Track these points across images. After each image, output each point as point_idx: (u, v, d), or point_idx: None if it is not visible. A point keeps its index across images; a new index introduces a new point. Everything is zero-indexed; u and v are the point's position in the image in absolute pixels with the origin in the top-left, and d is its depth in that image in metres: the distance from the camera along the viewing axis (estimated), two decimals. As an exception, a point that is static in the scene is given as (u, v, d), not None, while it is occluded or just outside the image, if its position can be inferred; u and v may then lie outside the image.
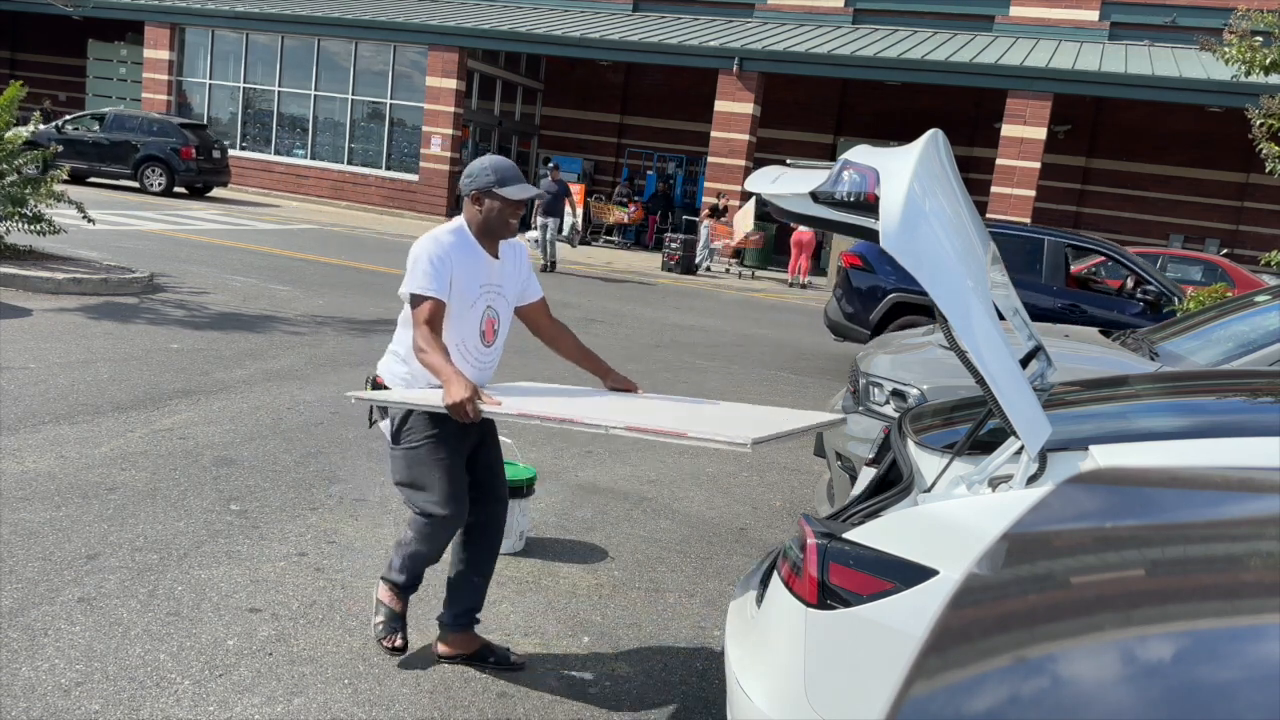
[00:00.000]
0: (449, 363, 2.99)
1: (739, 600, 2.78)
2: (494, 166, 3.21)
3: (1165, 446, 2.27)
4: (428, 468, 3.15)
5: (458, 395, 2.85)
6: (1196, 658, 1.16)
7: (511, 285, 3.40)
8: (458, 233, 3.24)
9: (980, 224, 2.65)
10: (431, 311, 3.07)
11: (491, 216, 3.22)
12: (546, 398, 3.21)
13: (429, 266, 3.10)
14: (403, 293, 3.15)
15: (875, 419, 4.99)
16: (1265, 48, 8.95)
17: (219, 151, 21.62)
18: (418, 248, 3.16)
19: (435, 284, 3.09)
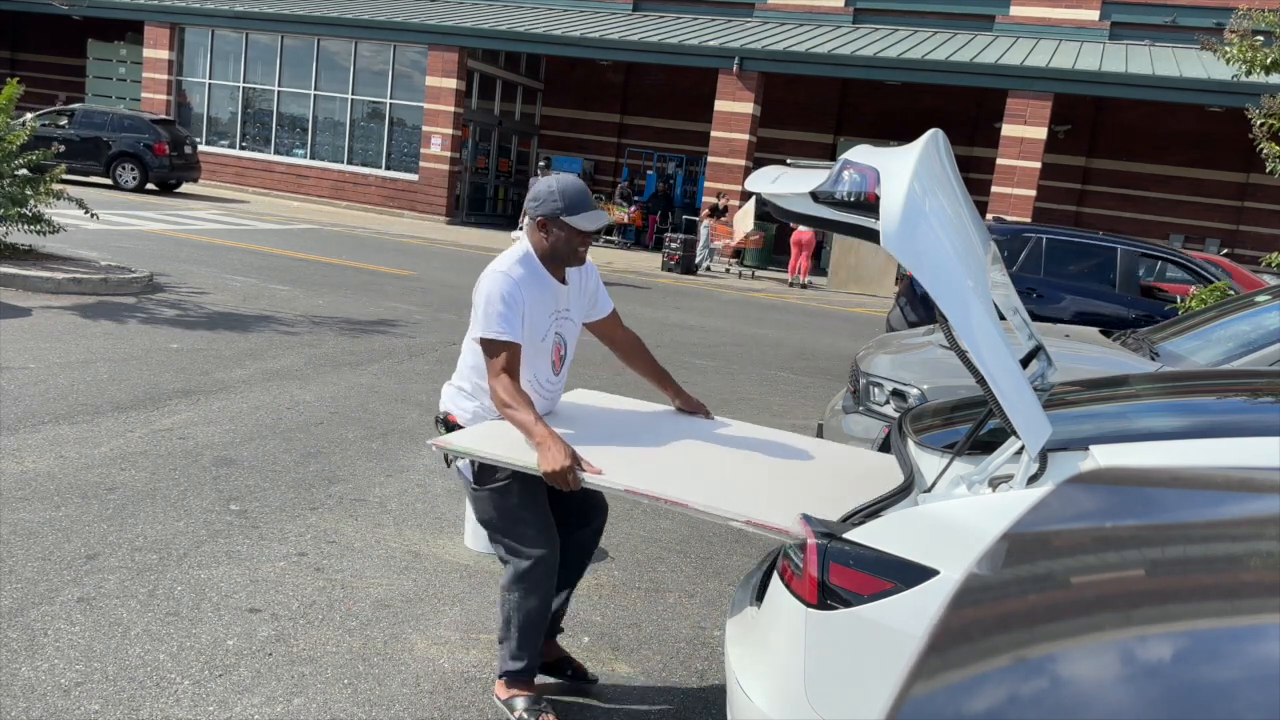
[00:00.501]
0: (541, 422, 2.75)
1: (739, 600, 2.78)
2: (562, 191, 2.95)
3: (1166, 446, 2.27)
4: (519, 505, 2.93)
5: (557, 464, 2.62)
6: (1197, 658, 1.16)
7: (578, 306, 3.20)
8: (525, 262, 2.99)
9: (980, 224, 2.65)
10: (509, 359, 2.86)
11: (559, 245, 2.99)
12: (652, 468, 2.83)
13: (502, 307, 2.87)
14: (474, 337, 2.94)
15: (875, 419, 4.99)
16: (1266, 47, 8.95)
17: (189, 147, 21.81)
18: (487, 285, 2.92)
19: (510, 326, 2.87)
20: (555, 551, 2.97)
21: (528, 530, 2.94)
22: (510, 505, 2.93)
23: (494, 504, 2.96)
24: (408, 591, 3.87)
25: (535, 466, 2.66)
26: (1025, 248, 9.49)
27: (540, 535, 2.94)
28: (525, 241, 3.06)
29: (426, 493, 4.98)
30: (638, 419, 3.28)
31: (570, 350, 3.18)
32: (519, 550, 2.94)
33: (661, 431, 3.11)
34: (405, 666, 3.31)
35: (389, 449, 5.60)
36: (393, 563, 4.11)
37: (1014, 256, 9.46)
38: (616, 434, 3.03)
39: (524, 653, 3.01)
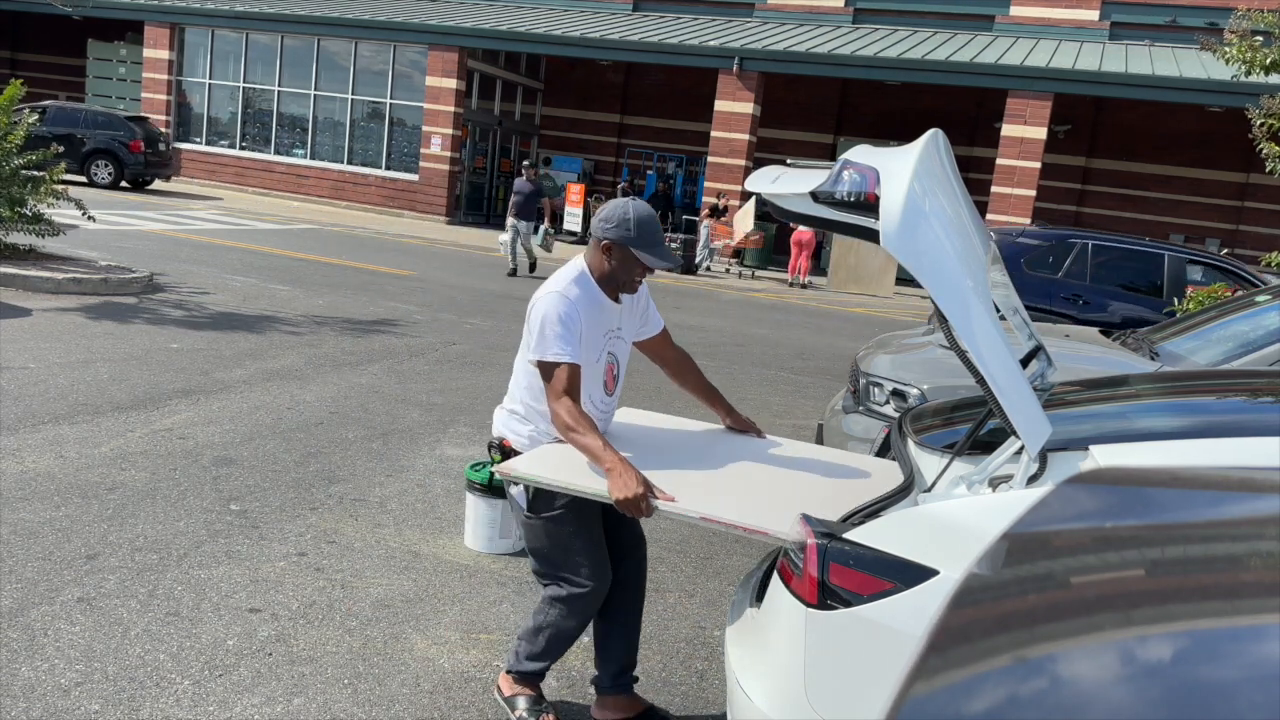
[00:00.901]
0: (610, 448, 2.66)
1: (739, 600, 2.78)
2: (637, 222, 2.87)
3: (1165, 446, 2.27)
4: (572, 535, 2.85)
5: (630, 491, 2.53)
6: (1197, 658, 1.16)
7: (629, 325, 3.13)
8: (581, 282, 2.93)
9: (981, 224, 2.65)
10: (570, 379, 2.78)
11: (618, 272, 2.93)
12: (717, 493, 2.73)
13: (560, 329, 2.80)
14: (532, 359, 2.87)
15: (875, 419, 4.99)
16: (1265, 47, 8.95)
17: (164, 144, 21.94)
18: (544, 306, 2.86)
19: (571, 347, 2.80)
20: (607, 583, 2.91)
21: (582, 561, 2.86)
22: (564, 534, 2.85)
23: (547, 532, 2.87)
24: (407, 591, 3.87)
25: (605, 493, 2.58)
26: (1070, 253, 9.45)
27: (595, 568, 2.87)
28: (581, 260, 2.98)
29: (426, 493, 4.98)
30: (691, 439, 3.19)
31: (623, 370, 3.11)
32: (571, 580, 2.88)
33: (718, 452, 3.03)
34: (405, 666, 3.31)
35: (389, 449, 5.60)
36: (392, 563, 4.11)
37: (1059, 262, 9.42)
38: (673, 456, 2.95)
39: (543, 659, 2.97)
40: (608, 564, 2.92)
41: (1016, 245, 9.74)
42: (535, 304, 2.90)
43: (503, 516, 4.30)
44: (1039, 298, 9.18)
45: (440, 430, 6.09)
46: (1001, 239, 9.97)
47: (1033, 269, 9.56)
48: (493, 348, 8.83)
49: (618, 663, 3.06)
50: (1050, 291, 9.34)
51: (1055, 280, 9.42)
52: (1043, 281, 9.41)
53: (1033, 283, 9.41)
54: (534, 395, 2.94)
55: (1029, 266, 9.57)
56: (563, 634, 2.93)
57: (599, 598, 2.91)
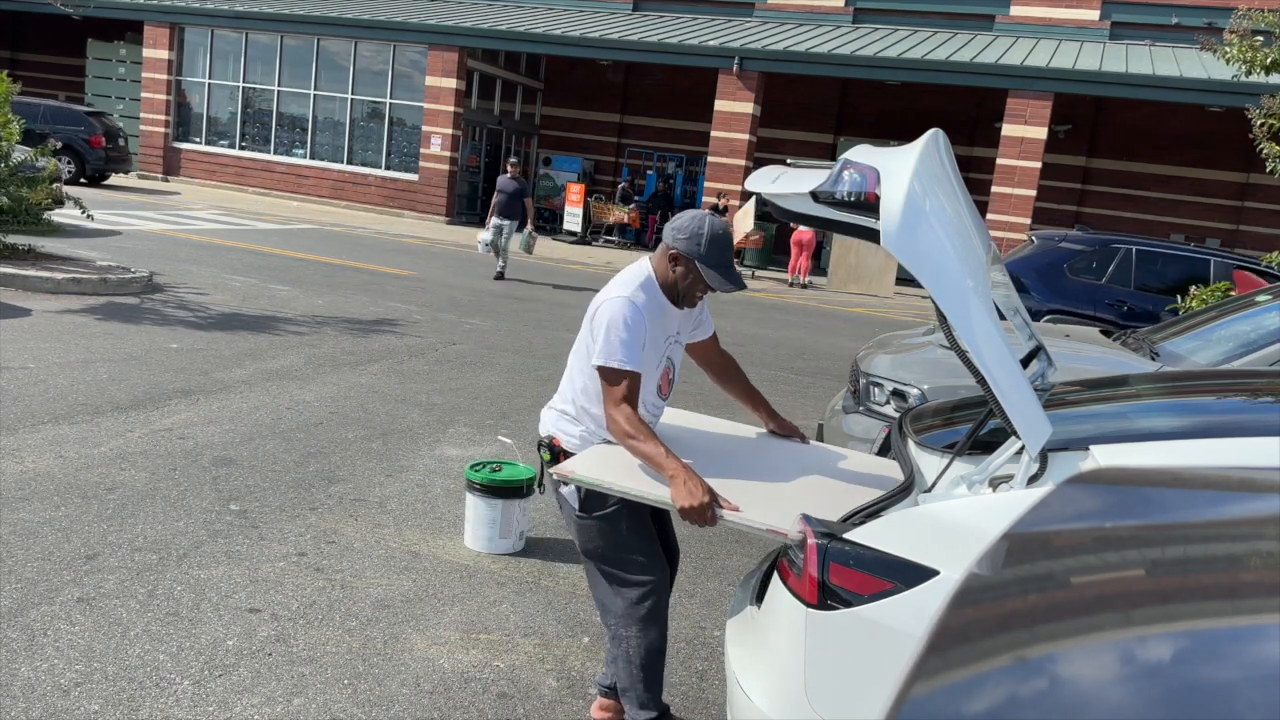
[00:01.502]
0: (673, 456, 2.61)
1: (739, 600, 2.78)
2: (710, 239, 2.81)
3: (1166, 446, 2.27)
4: (628, 532, 2.82)
5: (696, 499, 2.48)
6: (1197, 658, 1.16)
7: (685, 329, 3.07)
8: (647, 288, 2.87)
9: (981, 224, 2.65)
10: (631, 388, 2.75)
11: (680, 284, 2.88)
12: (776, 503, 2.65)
13: (626, 335, 2.76)
14: (594, 363, 2.80)
15: (875, 419, 4.99)
16: (1266, 47, 8.94)
17: (123, 139, 22.04)
18: (611, 311, 2.80)
19: (634, 355, 2.76)
20: (665, 578, 2.87)
21: (636, 558, 2.83)
22: (619, 533, 2.82)
23: (601, 532, 2.83)
24: (407, 591, 3.87)
25: (668, 500, 2.54)
26: (1114, 259, 9.39)
27: (650, 562, 2.84)
28: (647, 264, 2.93)
29: (426, 493, 4.98)
30: (739, 445, 3.15)
31: (677, 373, 3.07)
32: (626, 579, 2.83)
33: (768, 459, 3.00)
34: (405, 666, 3.31)
35: (389, 449, 5.60)
36: (392, 563, 4.11)
37: (1102, 268, 9.36)
38: (725, 462, 2.88)
39: (653, 697, 2.86)
40: (663, 558, 2.89)
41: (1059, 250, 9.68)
42: (600, 307, 2.85)
43: (502, 517, 4.30)
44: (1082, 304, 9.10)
45: (440, 430, 6.09)
46: (1044, 244, 9.92)
47: (1076, 275, 9.49)
48: (493, 348, 8.83)
49: None
50: (1094, 297, 9.27)
51: (1099, 286, 9.36)
52: (1086, 287, 9.33)
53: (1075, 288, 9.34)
54: (589, 398, 2.89)
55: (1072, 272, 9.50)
56: (653, 652, 2.85)
57: (664, 593, 2.85)
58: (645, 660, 2.83)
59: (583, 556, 2.94)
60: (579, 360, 2.94)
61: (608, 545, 2.84)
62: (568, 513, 2.91)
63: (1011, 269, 9.51)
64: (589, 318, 2.91)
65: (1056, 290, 9.32)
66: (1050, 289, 9.22)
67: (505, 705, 3.16)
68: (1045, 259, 9.62)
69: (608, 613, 2.89)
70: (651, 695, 2.84)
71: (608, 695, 3.08)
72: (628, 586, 2.83)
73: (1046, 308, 8.97)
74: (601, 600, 2.90)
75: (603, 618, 2.93)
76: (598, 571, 2.88)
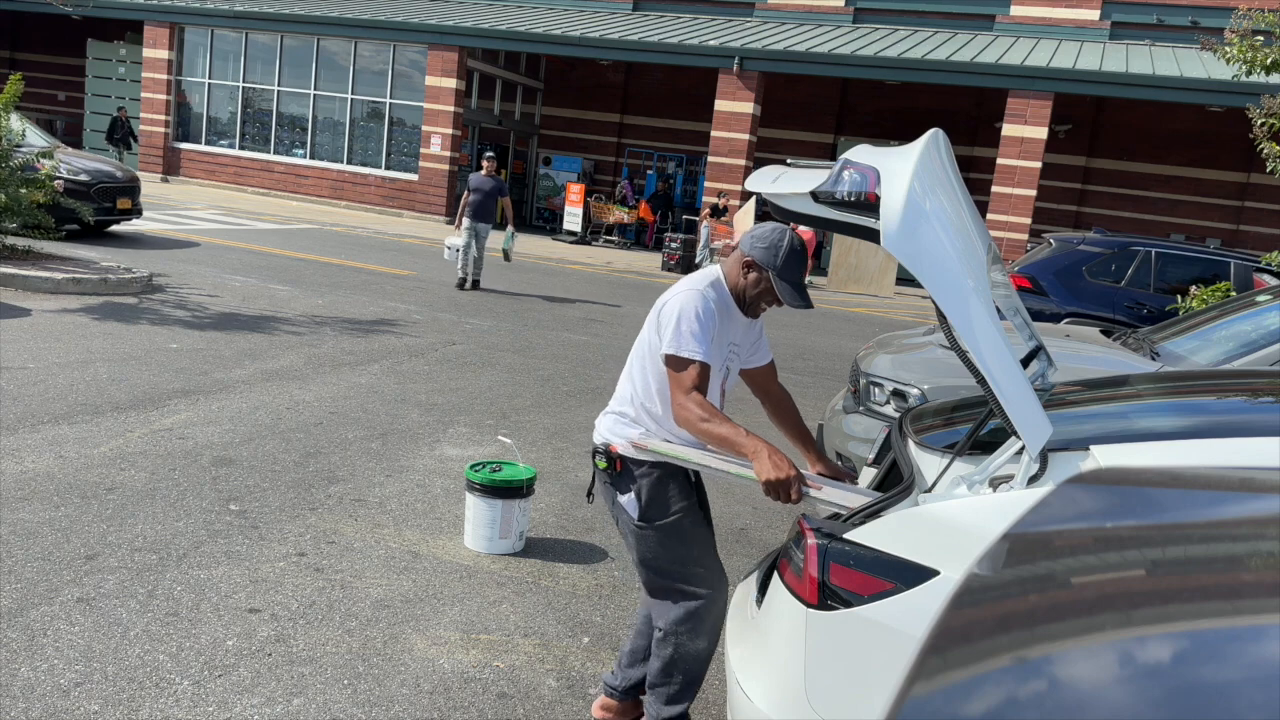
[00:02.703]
0: (751, 434, 2.60)
1: (739, 600, 2.78)
2: (788, 252, 2.77)
3: (1166, 446, 2.26)
4: (688, 543, 2.79)
5: (781, 472, 2.47)
6: (1197, 658, 1.16)
7: (745, 346, 3.02)
8: (717, 287, 2.84)
9: (981, 224, 2.65)
10: (700, 377, 2.70)
11: (749, 291, 2.85)
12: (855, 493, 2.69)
13: (697, 326, 2.72)
14: (665, 353, 2.75)
15: (876, 419, 4.99)
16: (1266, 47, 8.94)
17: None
18: (683, 302, 2.76)
19: (704, 346, 2.72)
20: (725, 589, 2.83)
21: (697, 569, 2.80)
22: (679, 542, 2.79)
23: (660, 542, 2.80)
24: (407, 591, 3.86)
25: (751, 475, 2.53)
26: (1133, 261, 9.36)
27: (711, 574, 2.81)
28: (718, 269, 2.91)
29: (426, 493, 4.98)
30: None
31: (730, 386, 3.02)
32: (685, 590, 2.80)
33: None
34: (405, 666, 3.31)
35: (389, 449, 5.60)
36: (392, 563, 4.11)
37: (1121, 271, 9.33)
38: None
39: (683, 701, 2.85)
40: (724, 571, 2.86)
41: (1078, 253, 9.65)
42: (670, 299, 2.81)
43: (502, 517, 4.30)
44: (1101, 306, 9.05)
45: (440, 430, 6.09)
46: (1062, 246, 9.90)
47: (1094, 277, 9.46)
48: (493, 348, 8.83)
49: (641, 674, 3.02)
50: (1113, 300, 9.23)
51: (1118, 289, 9.32)
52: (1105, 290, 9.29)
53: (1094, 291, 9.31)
54: (652, 396, 2.83)
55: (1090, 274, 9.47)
56: (695, 660, 2.83)
57: (719, 607, 2.82)
58: (688, 665, 2.83)
59: (639, 566, 2.90)
60: (642, 360, 2.88)
61: (667, 555, 2.81)
62: (624, 522, 2.87)
63: (1030, 271, 9.52)
64: (655, 314, 2.86)
65: (1075, 293, 9.31)
66: (1069, 291, 9.20)
67: (505, 705, 3.16)
68: (1064, 261, 9.60)
69: (662, 616, 2.87)
70: (684, 698, 2.86)
71: (611, 695, 3.08)
72: (688, 597, 2.81)
73: (1066, 310, 8.92)
74: (658, 605, 2.88)
75: (655, 618, 2.91)
76: (658, 578, 2.85)
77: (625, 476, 2.84)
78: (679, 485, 2.83)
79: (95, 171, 12.66)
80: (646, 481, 2.81)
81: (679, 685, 2.84)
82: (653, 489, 2.81)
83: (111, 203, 12.75)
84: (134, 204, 13.18)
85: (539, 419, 6.64)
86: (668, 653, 2.84)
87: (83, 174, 12.38)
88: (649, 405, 2.85)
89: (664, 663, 2.84)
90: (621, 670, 3.08)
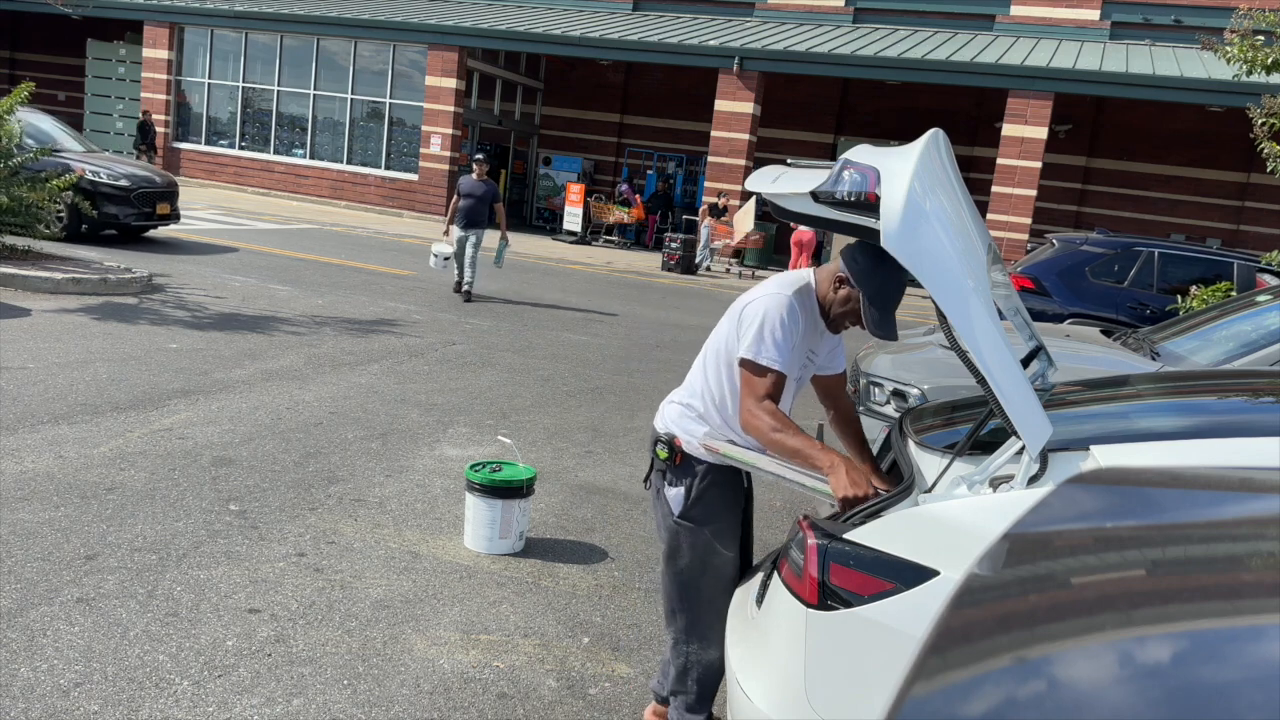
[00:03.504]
0: (827, 448, 2.55)
1: (739, 600, 2.78)
2: (884, 280, 2.63)
3: (1166, 446, 2.26)
4: (714, 552, 2.80)
5: (860, 489, 2.42)
6: (1197, 658, 1.16)
7: (822, 355, 2.94)
8: (805, 294, 2.76)
9: (981, 223, 2.65)
10: (776, 385, 2.65)
11: (835, 308, 2.76)
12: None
13: (781, 334, 2.65)
14: (743, 356, 2.68)
15: (876, 419, 4.99)
16: (1267, 47, 8.94)
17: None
18: (768, 305, 2.69)
19: (784, 356, 2.66)
20: (724, 612, 2.81)
21: (711, 580, 2.82)
22: (707, 549, 2.80)
23: (692, 543, 2.81)
24: (407, 592, 3.86)
25: (827, 490, 2.49)
26: (1136, 262, 9.35)
27: (719, 589, 2.83)
28: (811, 274, 2.83)
29: (426, 493, 4.98)
30: None
31: (799, 394, 2.97)
32: (700, 598, 2.83)
33: None
34: (405, 667, 3.31)
35: (389, 449, 5.60)
36: (392, 563, 4.11)
37: (1124, 271, 9.31)
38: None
39: (701, 707, 2.88)
40: (731, 594, 2.85)
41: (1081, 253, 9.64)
42: (753, 301, 2.74)
43: (502, 517, 4.30)
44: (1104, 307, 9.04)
45: (440, 430, 6.09)
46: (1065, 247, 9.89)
47: (1097, 277, 9.45)
48: (492, 348, 8.83)
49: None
50: (1116, 301, 9.22)
51: (1121, 289, 9.31)
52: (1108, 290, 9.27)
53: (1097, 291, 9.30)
54: (723, 395, 2.79)
55: (1093, 275, 9.46)
56: (707, 669, 2.85)
57: (720, 619, 2.80)
58: (702, 675, 2.86)
59: (663, 561, 2.91)
60: (717, 355, 2.82)
61: (695, 556, 2.82)
62: (664, 514, 2.87)
63: (1032, 272, 9.50)
64: (737, 311, 2.79)
65: (1078, 293, 9.31)
66: (1072, 292, 9.19)
67: (505, 705, 3.16)
68: (1067, 262, 9.60)
69: (673, 621, 2.89)
70: (702, 705, 2.88)
71: (661, 701, 3.06)
72: (700, 604, 2.83)
73: (1069, 311, 8.90)
74: (671, 607, 2.90)
75: (666, 623, 2.93)
76: (675, 578, 2.87)
77: (682, 471, 2.81)
78: (728, 497, 2.82)
79: (135, 176, 12.55)
80: (700, 483, 2.79)
81: (695, 694, 2.88)
82: (703, 491, 2.79)
83: (151, 208, 12.64)
84: (172, 209, 13.06)
85: (539, 419, 6.64)
86: (681, 661, 2.88)
87: (123, 179, 12.28)
88: (719, 403, 2.80)
89: (679, 670, 2.89)
90: (664, 677, 3.07)
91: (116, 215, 12.03)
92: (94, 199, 11.51)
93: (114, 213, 11.98)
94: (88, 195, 11.43)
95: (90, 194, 11.57)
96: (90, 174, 11.92)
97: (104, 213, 11.84)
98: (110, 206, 11.94)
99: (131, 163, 13.72)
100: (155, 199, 12.70)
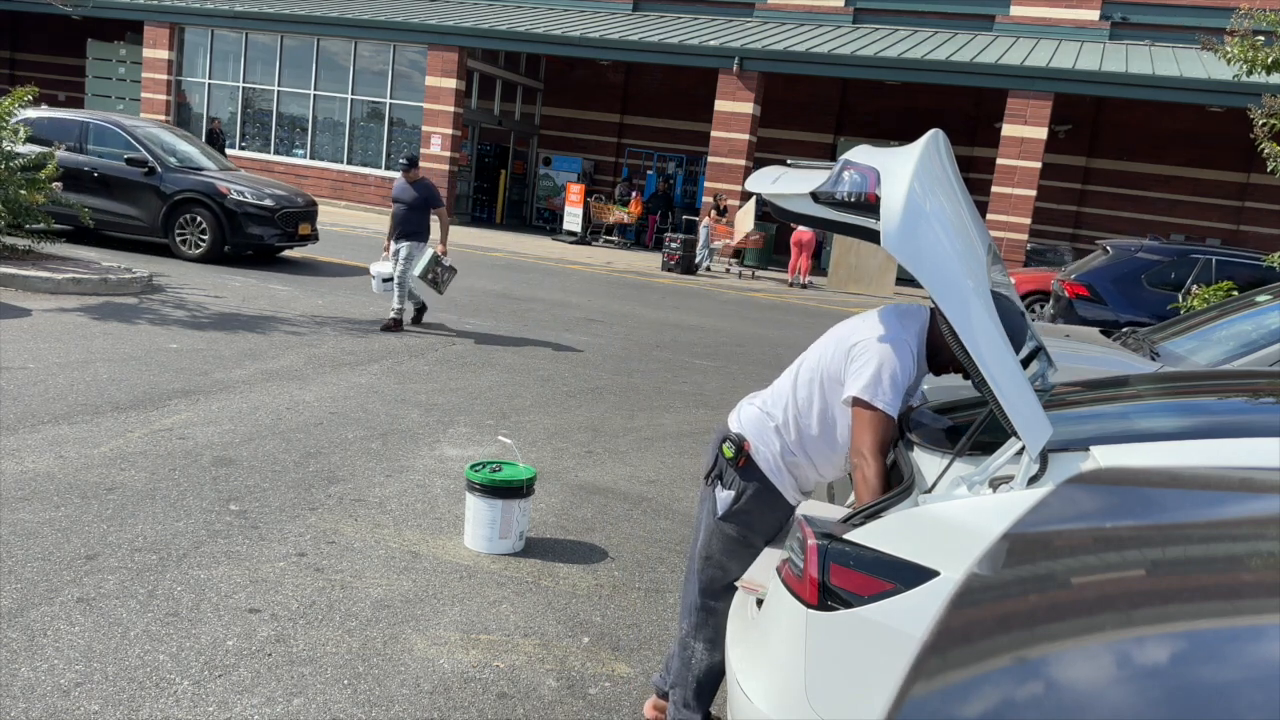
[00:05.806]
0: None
1: (739, 600, 2.78)
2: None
3: (1166, 447, 2.26)
4: (745, 557, 2.83)
5: None
6: (1197, 658, 1.16)
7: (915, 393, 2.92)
8: (920, 339, 2.71)
9: (981, 224, 2.65)
10: (889, 433, 2.61)
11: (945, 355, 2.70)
12: None
13: (901, 379, 2.61)
14: (859, 395, 2.61)
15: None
16: (1266, 47, 8.94)
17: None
18: (890, 351, 2.62)
19: (899, 402, 2.62)
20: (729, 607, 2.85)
21: (731, 588, 2.84)
22: (738, 553, 2.84)
23: (726, 545, 2.85)
24: (407, 591, 3.86)
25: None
26: (1193, 270, 9.33)
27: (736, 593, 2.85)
28: (928, 313, 2.74)
29: (426, 493, 4.98)
30: None
31: None
32: (715, 601, 2.87)
33: None
34: (405, 667, 3.31)
35: (389, 449, 5.60)
36: (392, 563, 4.11)
37: (1181, 279, 9.31)
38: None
39: (699, 704, 2.93)
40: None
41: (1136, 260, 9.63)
42: (870, 339, 2.67)
43: (502, 517, 4.30)
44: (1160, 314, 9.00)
45: (440, 430, 6.09)
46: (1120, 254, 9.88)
47: (1153, 285, 9.44)
48: (493, 348, 8.83)
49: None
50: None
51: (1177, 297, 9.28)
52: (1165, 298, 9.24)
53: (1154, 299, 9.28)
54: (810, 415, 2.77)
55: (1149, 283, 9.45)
56: (709, 670, 2.91)
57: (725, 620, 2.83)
58: (704, 675, 2.92)
59: (697, 558, 2.94)
60: (811, 373, 2.80)
61: (724, 556, 2.86)
62: (708, 510, 2.89)
63: (1087, 279, 9.48)
64: (846, 341, 2.75)
65: (1133, 301, 9.30)
66: (1127, 300, 9.18)
67: (505, 705, 3.16)
68: (1122, 269, 9.60)
69: (686, 617, 2.95)
70: (699, 701, 2.93)
71: (662, 695, 3.12)
72: (714, 606, 2.88)
73: (1124, 319, 8.80)
74: (688, 604, 2.96)
75: (680, 619, 3.00)
76: (698, 576, 2.92)
77: (742, 475, 2.82)
78: (769, 521, 2.83)
79: (278, 196, 12.28)
80: (751, 495, 2.81)
81: (694, 692, 2.93)
82: (752, 501, 2.81)
83: (294, 228, 12.39)
84: (313, 229, 12.79)
85: (539, 419, 6.64)
86: (684, 661, 2.94)
87: (267, 198, 12.03)
88: (803, 422, 2.80)
89: (684, 668, 2.95)
90: (667, 671, 3.12)
91: (261, 236, 11.83)
92: (239, 219, 11.39)
93: (258, 233, 11.78)
94: (232, 216, 11.31)
95: (235, 214, 11.46)
96: (235, 194, 11.73)
97: (249, 233, 11.69)
98: (254, 227, 11.74)
99: (269, 181, 13.34)
100: (298, 219, 12.43)
